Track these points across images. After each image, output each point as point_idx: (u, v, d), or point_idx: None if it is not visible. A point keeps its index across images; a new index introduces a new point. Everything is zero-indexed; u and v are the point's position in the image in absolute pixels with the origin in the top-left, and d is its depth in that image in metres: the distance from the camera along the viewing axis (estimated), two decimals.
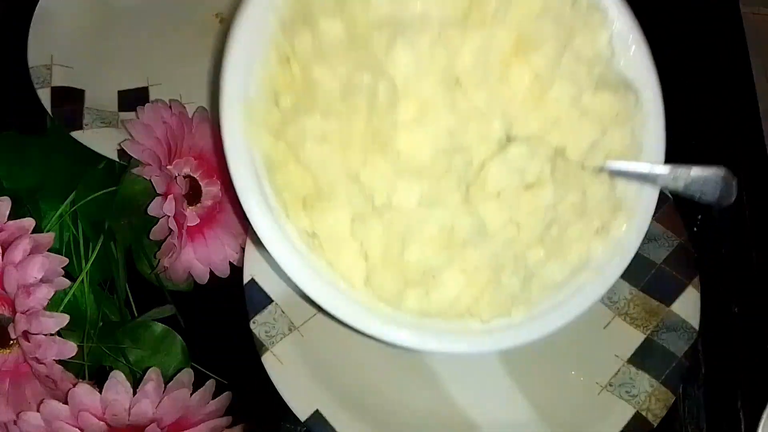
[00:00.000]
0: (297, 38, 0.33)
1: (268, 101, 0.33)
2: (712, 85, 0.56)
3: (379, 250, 0.33)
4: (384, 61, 0.33)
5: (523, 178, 0.34)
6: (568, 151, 0.36)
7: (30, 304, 0.36)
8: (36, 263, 0.37)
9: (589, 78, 0.36)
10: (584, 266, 0.37)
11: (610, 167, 0.37)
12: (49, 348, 0.36)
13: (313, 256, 0.33)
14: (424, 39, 0.33)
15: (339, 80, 0.32)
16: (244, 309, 0.44)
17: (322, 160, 0.32)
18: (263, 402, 0.43)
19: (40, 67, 0.50)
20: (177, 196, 0.42)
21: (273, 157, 0.33)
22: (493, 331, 0.35)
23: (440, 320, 0.35)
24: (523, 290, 0.35)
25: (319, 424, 0.42)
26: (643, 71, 0.38)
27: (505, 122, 0.35)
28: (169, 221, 0.42)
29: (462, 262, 0.34)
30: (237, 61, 0.33)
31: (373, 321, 0.33)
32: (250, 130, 0.32)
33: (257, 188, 0.32)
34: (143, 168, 0.42)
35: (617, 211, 0.37)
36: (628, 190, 0.37)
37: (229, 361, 0.44)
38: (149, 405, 0.38)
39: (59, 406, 0.37)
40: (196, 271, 0.46)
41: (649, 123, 0.38)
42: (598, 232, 0.37)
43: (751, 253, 0.50)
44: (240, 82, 0.32)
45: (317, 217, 0.33)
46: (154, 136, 0.43)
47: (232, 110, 0.32)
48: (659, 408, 0.42)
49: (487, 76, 0.34)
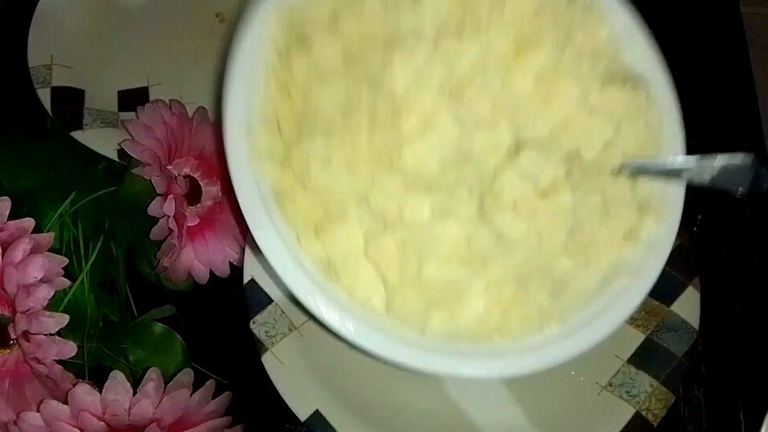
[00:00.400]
0: (294, 64, 0.33)
1: (271, 131, 0.33)
2: (712, 84, 0.56)
3: (396, 270, 0.32)
4: (382, 77, 0.32)
5: (538, 185, 0.33)
6: (582, 153, 0.35)
7: (30, 304, 0.36)
8: (36, 263, 0.37)
9: (594, 75, 0.35)
10: (617, 272, 0.35)
11: (629, 166, 0.35)
12: (49, 348, 0.36)
13: (330, 285, 0.32)
14: (420, 52, 0.33)
15: (338, 101, 0.32)
16: (244, 309, 0.45)
17: (328, 182, 0.32)
18: (263, 402, 0.43)
19: (40, 67, 0.51)
20: (177, 196, 0.42)
21: (281, 187, 0.33)
22: (526, 350, 0.33)
23: (469, 342, 0.33)
24: (554, 303, 0.33)
25: (319, 424, 0.42)
26: (651, 65, 0.37)
27: (513, 128, 0.34)
28: (169, 221, 0.42)
29: (484, 276, 0.33)
30: (237, 94, 0.33)
31: (399, 348, 0.32)
32: (256, 162, 0.32)
33: (269, 221, 0.32)
34: (143, 168, 0.42)
35: (644, 212, 0.36)
36: (653, 188, 0.36)
37: (229, 361, 0.44)
38: (149, 405, 0.38)
39: (59, 406, 0.37)
40: (196, 271, 0.46)
41: (664, 116, 0.36)
42: (627, 236, 0.35)
43: (751, 253, 0.50)
44: (242, 116, 0.32)
45: (329, 240, 0.33)
46: (154, 136, 0.43)
47: (236, 144, 0.32)
48: (659, 408, 0.42)
49: (489, 84, 0.34)
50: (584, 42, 0.35)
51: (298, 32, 0.33)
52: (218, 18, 0.57)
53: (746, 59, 0.57)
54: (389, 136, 0.32)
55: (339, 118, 0.32)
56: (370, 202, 0.32)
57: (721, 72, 0.56)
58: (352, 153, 0.32)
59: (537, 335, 0.33)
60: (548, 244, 0.34)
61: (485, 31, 0.34)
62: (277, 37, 0.33)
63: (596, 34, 0.36)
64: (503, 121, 0.34)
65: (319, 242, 0.33)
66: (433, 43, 0.33)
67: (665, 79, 0.37)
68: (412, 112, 0.33)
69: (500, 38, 0.34)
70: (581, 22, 0.36)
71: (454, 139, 0.33)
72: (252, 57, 0.33)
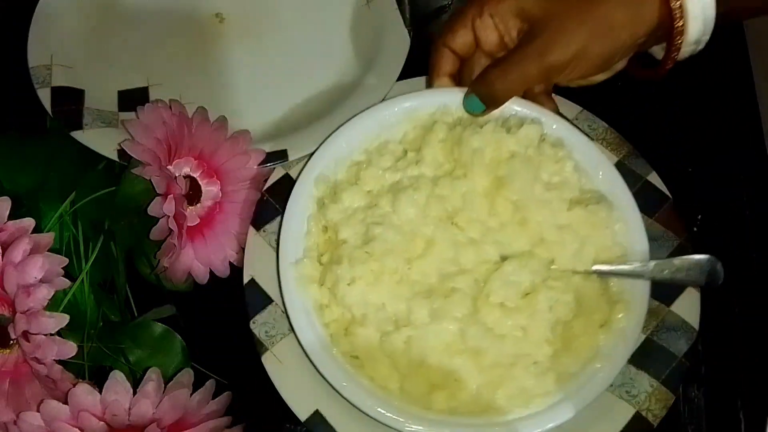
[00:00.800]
0: (328, 212, 0.44)
1: (312, 260, 0.44)
2: (712, 85, 0.56)
3: (405, 360, 0.41)
4: (391, 214, 0.43)
5: (520, 289, 0.41)
6: (557, 261, 0.43)
7: (30, 304, 0.36)
8: (36, 263, 0.37)
9: (562, 200, 0.43)
10: (593, 358, 0.41)
11: (597, 270, 0.43)
12: (49, 348, 0.36)
13: (357, 373, 0.41)
14: (421, 193, 0.43)
15: (359, 235, 0.43)
16: (244, 309, 0.45)
17: (352, 297, 0.42)
18: (263, 402, 0.43)
19: (40, 67, 0.51)
20: (177, 196, 0.42)
21: (319, 300, 0.43)
22: (514, 421, 0.40)
23: (467, 416, 0.40)
24: (539, 383, 0.40)
25: (319, 424, 0.42)
26: (615, 186, 0.45)
27: (498, 246, 0.43)
28: (169, 221, 0.42)
29: (477, 363, 0.40)
30: (287, 235, 0.44)
31: (407, 420, 0.40)
32: (300, 283, 0.43)
33: (311, 327, 0.42)
34: (143, 168, 0.42)
35: (615, 305, 0.43)
36: (622, 285, 0.43)
37: (229, 361, 0.44)
38: (149, 405, 0.38)
39: (59, 406, 0.37)
40: (196, 271, 0.46)
41: (629, 226, 0.44)
42: (602, 326, 0.42)
43: (751, 253, 0.50)
44: (291, 251, 0.44)
45: (355, 339, 0.42)
46: (154, 136, 0.43)
47: (287, 271, 0.43)
48: (659, 408, 0.42)
49: (477, 213, 0.43)
50: (552, 175, 0.44)
51: (334, 190, 0.45)
52: (218, 18, 0.57)
53: (746, 59, 0.57)
54: (398, 258, 0.42)
55: (360, 248, 0.42)
56: (385, 309, 0.42)
57: (721, 72, 0.56)
58: (370, 273, 0.42)
59: (523, 409, 0.40)
60: (532, 335, 0.41)
61: (470, 175, 0.43)
62: (317, 194, 0.45)
63: (563, 168, 0.44)
64: (490, 242, 0.43)
65: (348, 342, 0.42)
66: (432, 187, 0.43)
67: (628, 196, 0.44)
68: (417, 239, 0.43)
69: (481, 179, 0.43)
70: (550, 158, 0.44)
71: (450, 258, 0.42)
72: (300, 210, 0.45)
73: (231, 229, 0.48)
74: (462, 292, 0.41)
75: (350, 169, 0.46)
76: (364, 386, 0.41)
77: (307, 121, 0.51)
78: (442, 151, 0.45)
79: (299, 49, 0.55)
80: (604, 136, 0.50)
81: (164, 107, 0.45)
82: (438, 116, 0.47)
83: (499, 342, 0.41)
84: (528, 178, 0.43)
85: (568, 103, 0.51)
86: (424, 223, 0.43)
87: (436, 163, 0.45)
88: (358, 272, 0.42)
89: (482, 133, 0.44)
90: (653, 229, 0.46)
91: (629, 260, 0.43)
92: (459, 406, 0.41)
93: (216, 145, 0.47)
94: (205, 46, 0.55)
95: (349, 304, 0.42)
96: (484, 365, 0.41)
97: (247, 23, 0.56)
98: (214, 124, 0.47)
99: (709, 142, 0.54)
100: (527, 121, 0.45)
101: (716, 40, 0.43)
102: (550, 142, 0.45)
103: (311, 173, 0.45)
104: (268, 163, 0.48)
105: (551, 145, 0.45)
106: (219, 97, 0.53)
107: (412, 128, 0.47)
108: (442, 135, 0.45)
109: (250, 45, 0.56)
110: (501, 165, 0.43)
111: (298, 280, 0.43)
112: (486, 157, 0.43)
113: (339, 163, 0.46)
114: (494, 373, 0.40)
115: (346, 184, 0.45)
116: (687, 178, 0.52)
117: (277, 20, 0.57)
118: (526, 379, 0.40)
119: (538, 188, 0.43)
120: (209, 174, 0.48)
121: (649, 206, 0.47)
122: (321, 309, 0.43)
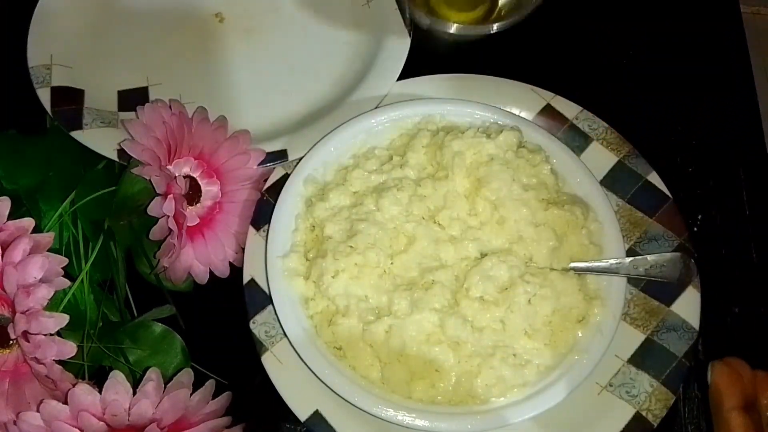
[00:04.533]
0: (316, 210, 0.46)
1: (299, 255, 0.45)
2: (712, 84, 0.56)
3: (386, 349, 0.42)
4: (375, 212, 0.45)
5: (498, 283, 0.43)
6: (534, 259, 0.44)
7: (30, 304, 0.36)
8: (36, 263, 0.37)
9: (538, 200, 0.45)
10: (571, 350, 0.42)
11: (574, 267, 0.44)
12: (48, 348, 0.36)
13: (340, 363, 0.42)
14: (404, 193, 0.45)
15: (343, 231, 0.45)
16: (244, 309, 0.45)
17: (336, 288, 0.43)
18: (263, 402, 0.44)
19: (40, 67, 0.51)
20: (177, 196, 0.42)
21: (305, 294, 0.44)
22: (492, 410, 0.41)
23: (447, 405, 0.42)
24: (517, 374, 0.42)
25: (319, 424, 0.42)
26: (591, 189, 0.47)
27: (478, 243, 0.44)
28: (169, 221, 0.42)
29: (457, 353, 0.42)
30: (276, 232, 0.46)
31: (387, 409, 0.41)
32: (287, 277, 0.44)
33: (296, 318, 0.43)
34: (143, 168, 0.42)
35: (592, 301, 0.44)
36: (600, 280, 0.44)
37: (229, 361, 0.44)
38: (149, 405, 0.38)
39: (59, 406, 0.37)
40: (196, 271, 0.46)
41: (605, 226, 0.46)
42: (579, 321, 0.43)
43: (751, 253, 0.50)
44: (279, 246, 0.45)
45: (338, 330, 0.43)
46: (154, 136, 0.43)
47: (274, 265, 0.44)
48: (659, 408, 0.42)
49: (457, 212, 0.45)
50: (530, 177, 0.46)
51: (320, 188, 0.47)
52: (218, 18, 0.57)
53: (746, 59, 0.57)
54: (381, 253, 0.43)
55: (344, 243, 0.44)
56: (368, 301, 0.43)
57: (721, 72, 0.56)
58: (354, 266, 0.43)
59: (502, 398, 0.42)
60: (510, 328, 0.42)
61: (452, 174, 0.46)
62: (306, 193, 0.47)
63: (541, 169, 0.46)
64: (470, 239, 0.44)
65: (331, 332, 0.43)
66: (414, 188, 0.45)
67: (603, 198, 0.46)
68: (399, 236, 0.45)
69: (463, 179, 0.46)
70: (528, 162, 0.46)
71: (431, 254, 0.44)
72: (288, 208, 0.46)
73: (231, 229, 0.48)
74: (441, 284, 0.43)
75: (339, 172, 0.49)
76: (347, 375, 0.42)
77: (307, 121, 0.51)
78: (426, 155, 0.48)
79: (299, 49, 0.56)
80: (604, 136, 0.50)
81: (164, 107, 0.45)
82: (423, 125, 0.49)
83: (479, 334, 0.42)
84: (506, 179, 0.45)
85: (568, 103, 0.51)
86: (406, 220, 0.45)
87: (420, 166, 0.47)
88: (341, 265, 0.43)
89: (463, 138, 0.47)
90: (653, 229, 0.46)
91: (605, 258, 0.45)
92: (439, 394, 0.42)
93: (216, 145, 0.47)
94: (205, 45, 0.55)
95: (332, 296, 0.43)
96: (463, 355, 0.42)
97: (247, 23, 0.56)
98: (214, 123, 0.47)
99: (709, 142, 0.54)
100: (506, 128, 0.47)
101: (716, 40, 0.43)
102: (529, 148, 0.48)
103: (301, 174, 0.47)
104: (268, 163, 0.49)
105: (529, 151, 0.47)
106: (219, 97, 0.53)
107: (398, 135, 0.50)
108: (425, 141, 0.48)
109: (250, 45, 0.56)
110: (481, 167, 0.46)
111: (285, 273, 0.44)
112: (466, 160, 0.46)
113: (327, 166, 0.48)
114: (473, 362, 0.42)
115: (334, 185, 0.47)
116: (687, 178, 0.52)
117: (277, 20, 0.57)
118: (505, 369, 0.41)
119: (516, 189, 0.45)
120: (209, 174, 0.48)
121: (650, 206, 0.47)
122: (306, 302, 0.44)
